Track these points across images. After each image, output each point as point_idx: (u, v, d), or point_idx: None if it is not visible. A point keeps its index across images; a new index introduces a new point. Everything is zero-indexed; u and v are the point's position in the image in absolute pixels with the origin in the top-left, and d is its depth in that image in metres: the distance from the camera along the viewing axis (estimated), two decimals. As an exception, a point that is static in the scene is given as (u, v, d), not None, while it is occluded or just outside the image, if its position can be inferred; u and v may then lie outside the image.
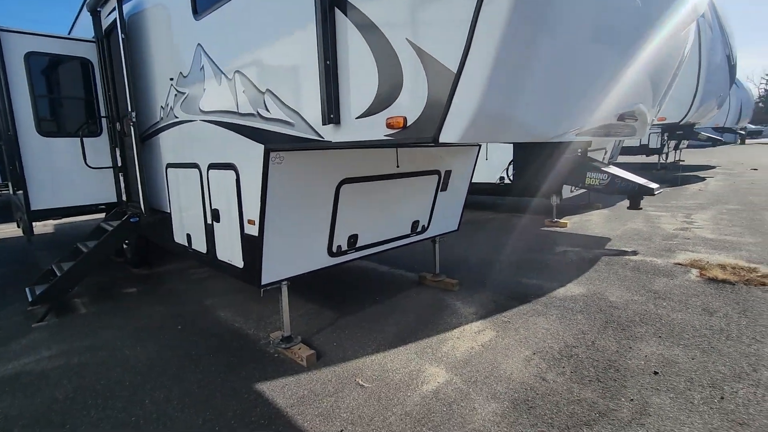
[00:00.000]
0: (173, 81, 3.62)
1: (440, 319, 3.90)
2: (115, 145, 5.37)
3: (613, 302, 4.07)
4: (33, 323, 4.16)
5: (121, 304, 4.65)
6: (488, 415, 2.52)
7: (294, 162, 2.80)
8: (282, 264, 3.08)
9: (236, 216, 3.06)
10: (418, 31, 1.62)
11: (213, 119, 3.14)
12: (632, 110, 2.21)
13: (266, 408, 2.69)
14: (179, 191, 3.94)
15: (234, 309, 4.35)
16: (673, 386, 2.71)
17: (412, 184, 3.86)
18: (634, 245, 6.05)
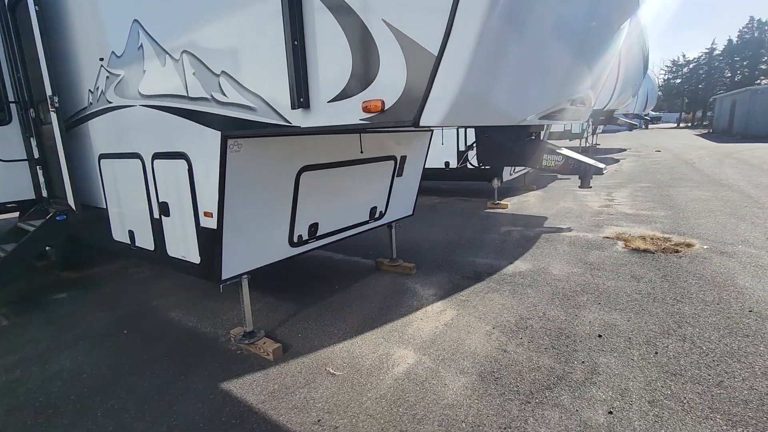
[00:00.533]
0: (104, 62, 3.26)
1: (402, 302, 3.98)
2: (30, 135, 4.74)
3: (556, 275, 4.41)
4: (-60, 342, 3.61)
5: (52, 312, 4.18)
6: (459, 389, 2.64)
7: (253, 149, 2.67)
8: (242, 257, 2.95)
9: (190, 208, 2.86)
10: (396, 12, 1.60)
11: (157, 104, 2.88)
12: (582, 96, 2.39)
13: (236, 407, 2.59)
14: (117, 184, 3.59)
15: (186, 308, 4.10)
16: (616, 347, 3.02)
17: (370, 171, 3.86)
18: (568, 222, 6.57)
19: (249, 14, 2.13)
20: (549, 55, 1.84)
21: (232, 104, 2.36)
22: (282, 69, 1.99)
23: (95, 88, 3.46)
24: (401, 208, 4.63)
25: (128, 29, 2.91)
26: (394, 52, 1.64)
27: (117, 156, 3.49)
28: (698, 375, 2.64)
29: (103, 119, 3.49)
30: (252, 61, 2.21)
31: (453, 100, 1.56)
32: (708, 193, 8.17)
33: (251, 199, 2.84)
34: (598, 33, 2.19)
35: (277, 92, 2.10)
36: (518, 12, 1.56)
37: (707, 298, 3.69)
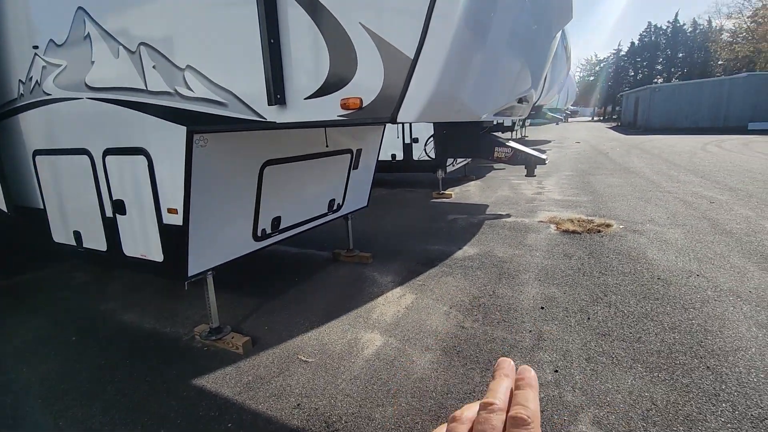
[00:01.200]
0: (39, 50, 3.02)
1: (363, 290, 4.15)
2: None
3: (500, 257, 4.83)
4: None
5: (-24, 325, 3.79)
6: (426, 364, 2.88)
7: (218, 144, 2.67)
8: (208, 253, 2.94)
9: (151, 205, 2.79)
10: (373, 16, 1.74)
11: (109, 97, 2.75)
12: (527, 94, 2.70)
13: (212, 400, 2.61)
14: (59, 183, 3.34)
15: (140, 310, 3.93)
16: (556, 316, 3.44)
17: (329, 164, 3.96)
18: (506, 209, 7.13)
19: (221, 12, 2.14)
20: (504, 58, 2.09)
21: (199, 99, 2.36)
22: (257, 66, 2.05)
23: (27, 78, 3.19)
24: (357, 200, 4.78)
25: (71, 17, 2.74)
26: (372, 53, 1.78)
27: (58, 152, 3.25)
28: (622, 334, 3.11)
29: (39, 112, 3.23)
30: (223, 56, 2.22)
31: (428, 99, 1.75)
32: (620, 180, 9.25)
33: (217, 194, 2.83)
34: (540, 39, 2.49)
35: (251, 88, 2.15)
36: (482, 20, 1.78)
37: (625, 269, 4.28)
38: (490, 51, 1.93)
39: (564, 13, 2.56)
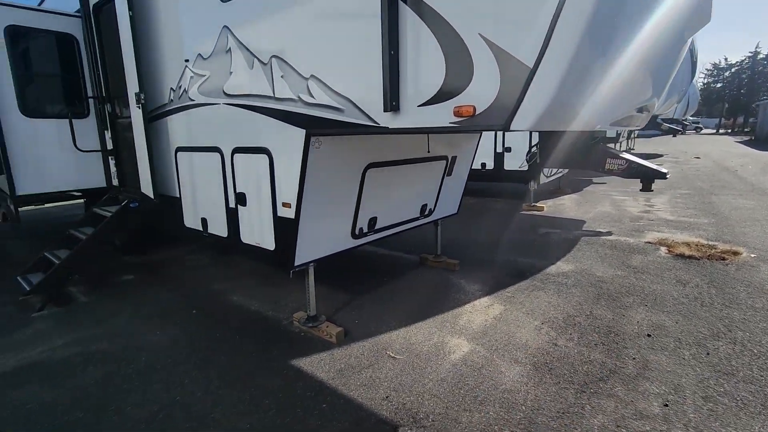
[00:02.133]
0: (189, 63, 3.56)
1: (449, 295, 4.16)
2: (105, 128, 5.15)
3: (600, 277, 4.50)
4: (32, 313, 4.01)
5: (122, 291, 4.55)
6: (515, 376, 2.81)
7: (330, 147, 2.91)
8: (312, 246, 3.20)
9: (268, 199, 3.13)
10: (493, 28, 1.79)
11: (242, 103, 3.15)
12: (648, 104, 2.52)
13: (309, 382, 2.83)
14: (193, 175, 3.90)
15: (246, 293, 4.39)
16: (665, 346, 3.12)
17: (425, 169, 4.05)
18: (607, 226, 6.59)
19: (345, 28, 2.36)
20: (628, 65, 1.99)
21: (319, 105, 2.60)
22: (375, 75, 2.21)
23: (177, 86, 3.78)
24: (448, 206, 4.80)
25: (217, 34, 3.19)
26: (489, 63, 1.83)
27: (195, 149, 3.80)
28: (750, 375, 2.72)
29: (184, 115, 3.81)
30: (343, 67, 2.43)
31: (545, 107, 1.74)
32: (752, 202, 8.01)
33: (324, 192, 3.08)
34: (670, 44, 2.31)
35: (367, 96, 2.32)
36: (608, 28, 1.73)
37: (756, 304, 3.72)
38: (613, 59, 1.86)
39: (701, 16, 2.34)
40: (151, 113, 4.15)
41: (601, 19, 1.67)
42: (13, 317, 3.96)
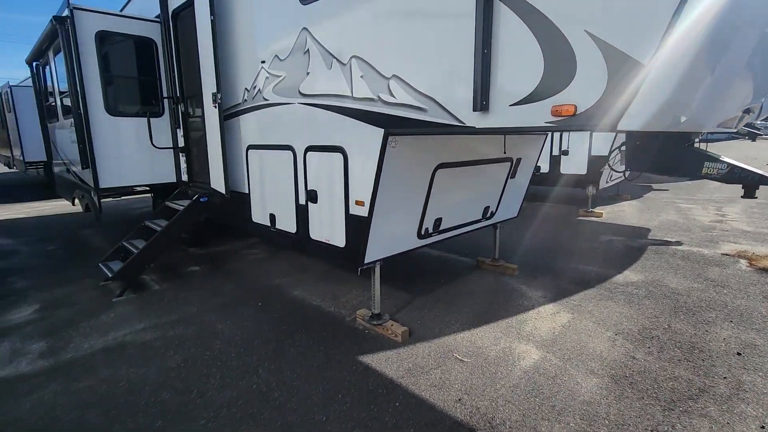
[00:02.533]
0: (265, 64, 3.70)
1: (511, 301, 4.06)
2: (177, 126, 5.45)
3: (674, 289, 4.23)
4: (113, 298, 4.30)
5: (190, 281, 4.79)
6: (593, 388, 2.69)
7: (404, 146, 2.91)
8: (382, 244, 3.22)
9: (341, 197, 3.18)
10: (603, 25, 1.72)
11: (318, 103, 3.23)
12: (754, 105, 2.34)
13: (379, 379, 2.85)
14: (263, 172, 4.05)
15: (306, 289, 4.50)
16: (760, 366, 2.88)
17: (490, 171, 3.98)
18: (676, 236, 6.21)
19: (432, 27, 2.36)
20: (747, 65, 1.86)
21: (400, 105, 2.61)
22: (465, 75, 2.19)
23: (252, 86, 3.93)
24: (509, 209, 4.70)
25: (296, 36, 3.29)
26: (595, 61, 1.76)
27: (266, 147, 3.93)
28: None
29: (256, 114, 3.95)
30: (429, 67, 2.43)
31: (658, 107, 1.65)
32: (842, 215, 7.28)
33: (396, 191, 3.09)
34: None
35: (454, 95, 2.30)
36: (734, 24, 1.62)
37: None
38: (734, 58, 1.74)
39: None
40: (225, 113, 4.34)
41: (728, 15, 1.57)
42: (97, 301, 4.27)
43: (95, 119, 4.97)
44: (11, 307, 4.14)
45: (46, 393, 2.76)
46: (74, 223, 8.20)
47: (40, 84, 7.24)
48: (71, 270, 5.26)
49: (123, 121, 5.22)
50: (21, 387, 2.83)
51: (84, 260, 5.67)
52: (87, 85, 4.86)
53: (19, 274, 5.12)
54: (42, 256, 5.93)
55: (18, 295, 4.43)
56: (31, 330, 3.66)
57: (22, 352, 3.30)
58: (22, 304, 4.21)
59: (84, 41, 4.79)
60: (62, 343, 3.42)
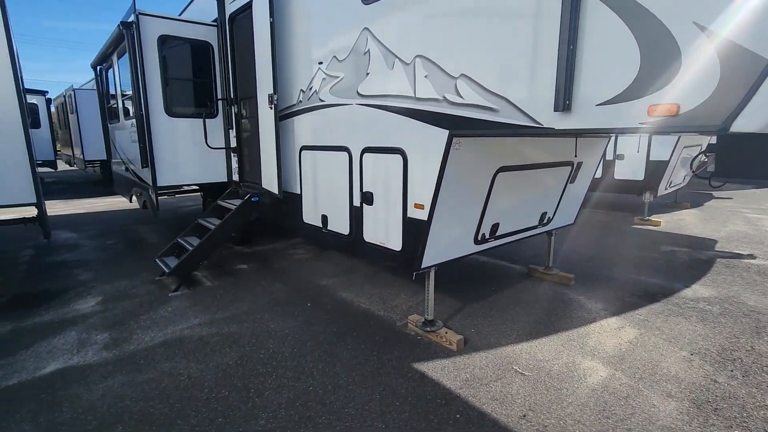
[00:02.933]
0: (322, 65, 3.70)
1: (569, 313, 3.85)
2: (230, 127, 5.58)
3: (754, 307, 3.88)
4: (169, 293, 4.44)
5: (240, 279, 4.87)
6: (672, 412, 2.48)
7: (467, 148, 2.81)
8: (439, 249, 3.13)
9: (398, 200, 3.12)
10: (716, 16, 1.57)
11: (377, 104, 3.19)
12: None
13: (436, 388, 2.76)
14: (316, 173, 4.06)
15: (353, 290, 4.47)
16: None
17: (549, 175, 3.81)
18: (748, 248, 5.73)
19: (508, 24, 2.25)
20: None
21: (468, 105, 2.52)
22: (545, 73, 2.07)
23: (308, 87, 3.95)
24: (565, 215, 4.48)
25: (356, 36, 3.27)
26: (705, 55, 1.60)
27: (320, 148, 3.94)
28: None
29: (311, 116, 3.97)
30: (502, 65, 2.33)
31: (783, 105, 1.48)
32: None
33: (457, 195, 2.99)
34: None
35: (531, 95, 2.18)
36: None
37: None
38: None
39: None
40: (279, 114, 4.39)
41: None
42: (155, 295, 4.42)
43: (155, 120, 5.17)
44: (77, 298, 4.35)
45: (114, 383, 2.86)
46: (129, 218, 8.61)
47: (103, 87, 7.66)
48: (129, 264, 5.49)
49: (180, 122, 5.41)
50: (90, 376, 2.95)
51: (140, 254, 5.92)
52: (149, 87, 5.07)
53: (83, 267, 5.40)
54: (102, 249, 6.24)
55: (84, 287, 4.67)
56: (95, 321, 3.82)
57: (89, 341, 3.44)
58: (87, 296, 4.42)
59: (147, 45, 5.00)
60: (125, 334, 3.55)
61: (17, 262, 5.69)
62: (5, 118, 4.33)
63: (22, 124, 4.40)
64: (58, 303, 4.22)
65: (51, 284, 4.76)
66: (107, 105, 7.66)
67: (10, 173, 4.37)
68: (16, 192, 4.41)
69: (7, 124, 4.33)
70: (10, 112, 4.34)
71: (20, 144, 4.40)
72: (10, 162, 4.37)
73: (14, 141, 4.37)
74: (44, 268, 5.41)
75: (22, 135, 4.40)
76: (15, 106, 4.36)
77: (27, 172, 4.45)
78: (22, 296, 4.43)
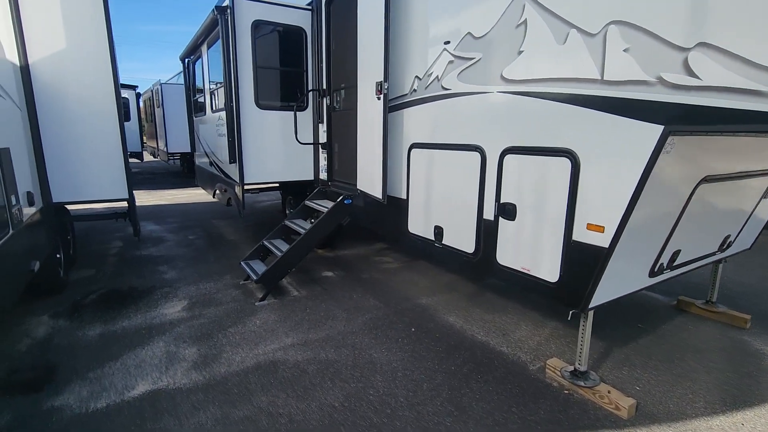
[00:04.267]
0: (449, 45, 3.04)
1: (763, 369, 2.89)
2: (320, 121, 5.12)
3: None
4: (255, 302, 4.04)
5: (328, 289, 4.38)
6: None
7: (679, 151, 2.01)
8: (613, 283, 2.36)
9: (559, 217, 2.38)
10: None
11: (532, 90, 2.47)
12: None
13: (620, 480, 2.01)
14: (431, 176, 3.42)
15: (460, 314, 3.79)
16: None
17: (747, 187, 2.87)
18: None
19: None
20: None
21: (708, 88, 1.72)
22: None
23: (426, 74, 3.31)
24: (745, 239, 3.48)
25: (506, 5, 2.56)
26: None
27: (439, 146, 3.29)
28: None
29: (429, 107, 3.33)
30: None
31: None
32: None
33: (651, 213, 2.20)
34: None
35: None
36: None
37: None
38: None
39: None
40: (385, 105, 3.80)
41: None
42: (240, 302, 4.04)
43: (245, 112, 4.83)
44: (164, 301, 4.09)
45: (207, 419, 2.42)
46: (207, 212, 8.60)
47: (190, 79, 7.61)
48: (212, 263, 5.24)
49: (269, 115, 5.04)
50: (181, 405, 2.54)
51: (221, 252, 5.67)
52: (241, 76, 4.73)
53: (168, 264, 5.22)
54: (185, 245, 6.10)
55: (170, 287, 4.42)
56: (183, 330, 3.49)
57: (177, 357, 3.08)
58: (173, 298, 4.15)
59: (241, 31, 4.65)
60: (214, 351, 3.15)
61: (107, 254, 5.67)
62: (104, 112, 4.16)
63: (117, 119, 4.21)
64: (146, 305, 3.97)
65: (138, 281, 4.58)
66: (193, 98, 7.60)
67: (105, 168, 4.19)
68: (110, 187, 4.23)
69: (105, 119, 4.16)
70: (108, 106, 4.16)
71: (115, 139, 4.20)
72: (106, 156, 4.20)
73: (110, 136, 4.19)
74: (132, 263, 5.30)
75: (117, 130, 4.21)
76: (113, 101, 4.17)
77: (121, 167, 4.26)
78: (112, 294, 4.26)
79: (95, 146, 4.14)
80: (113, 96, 4.15)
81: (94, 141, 4.13)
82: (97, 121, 4.13)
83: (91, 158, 4.13)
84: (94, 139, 4.12)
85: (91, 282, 4.57)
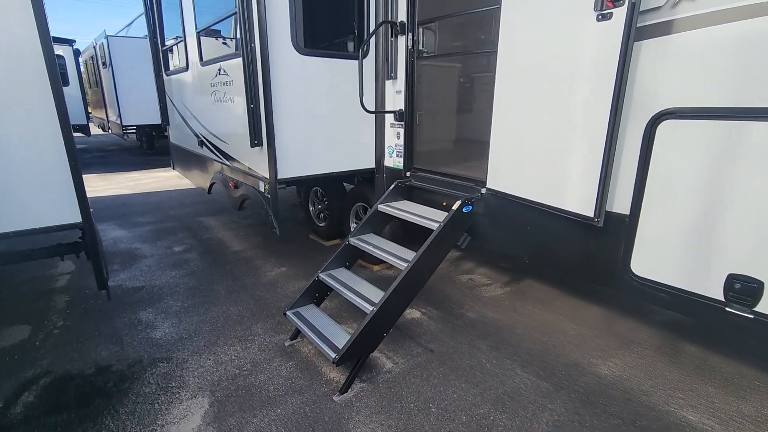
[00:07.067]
0: None
1: None
2: (392, 75, 3.25)
3: None
4: (335, 396, 2.30)
5: (435, 351, 2.70)
6: None
7: None
8: None
9: None
10: None
11: None
12: None
13: None
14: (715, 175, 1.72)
15: (702, 408, 2.23)
16: None
17: None
18: None
19: None
20: None
21: None
22: None
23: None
24: None
25: None
26: None
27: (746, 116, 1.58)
28: None
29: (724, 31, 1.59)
30: None
31: None
32: None
33: None
34: None
35: None
36: None
37: None
38: None
39: None
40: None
41: None
42: (306, 396, 2.29)
43: (278, 61, 2.88)
44: (164, 401, 2.27)
45: None
46: (188, 205, 6.52)
47: (155, 20, 5.34)
48: (224, 299, 3.39)
49: (315, 65, 3.11)
50: None
51: (233, 276, 3.80)
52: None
53: (154, 306, 3.30)
54: (173, 265, 4.14)
55: (167, 362, 2.57)
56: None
57: None
58: (180, 391, 2.33)
59: None
60: None
61: (49, 291, 3.64)
62: (24, 75, 2.12)
63: (50, 85, 2.18)
64: (131, 417, 2.14)
65: (109, 353, 2.69)
66: (162, 48, 5.38)
67: (31, 172, 2.18)
68: (45, 206, 2.22)
69: (25, 85, 2.13)
70: (32, 65, 2.12)
71: (50, 119, 2.18)
72: (33, 151, 2.18)
73: (39, 113, 2.17)
74: (93, 309, 3.34)
75: (51, 103, 2.19)
76: (40, 57, 2.13)
77: (64, 168, 2.23)
78: (59, 392, 2.36)
79: (7, 133, 2.11)
80: (39, 50, 2.11)
81: (4, 125, 2.10)
82: (11, 89, 2.10)
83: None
84: (4, 121, 2.10)
85: (21, 363, 2.63)
